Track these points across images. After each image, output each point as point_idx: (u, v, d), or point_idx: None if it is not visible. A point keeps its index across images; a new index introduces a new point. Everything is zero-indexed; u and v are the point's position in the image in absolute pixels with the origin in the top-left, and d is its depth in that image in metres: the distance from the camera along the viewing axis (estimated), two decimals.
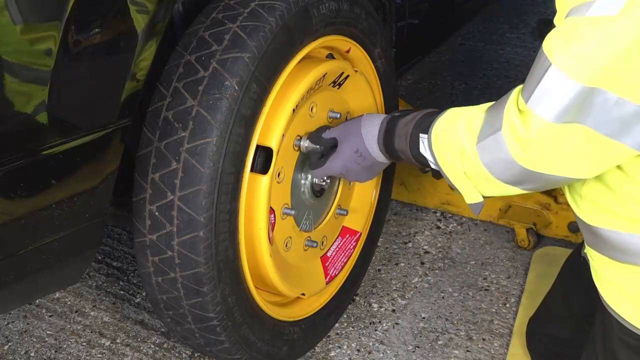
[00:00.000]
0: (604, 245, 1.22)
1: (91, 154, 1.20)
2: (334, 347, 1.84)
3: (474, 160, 1.20)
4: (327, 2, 1.50)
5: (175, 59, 1.34)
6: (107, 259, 2.18)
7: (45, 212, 1.16)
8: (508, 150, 1.12)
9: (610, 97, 1.01)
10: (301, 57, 1.47)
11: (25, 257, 1.18)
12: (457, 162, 1.24)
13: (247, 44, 1.31)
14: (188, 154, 1.29)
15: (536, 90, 1.07)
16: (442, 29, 2.58)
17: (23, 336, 1.90)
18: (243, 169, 1.37)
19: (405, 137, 1.39)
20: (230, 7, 1.37)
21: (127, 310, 1.98)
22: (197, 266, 1.34)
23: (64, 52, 1.06)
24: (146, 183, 1.33)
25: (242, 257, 1.45)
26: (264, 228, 1.47)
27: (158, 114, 1.32)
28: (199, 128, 1.28)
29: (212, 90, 1.29)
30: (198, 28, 1.36)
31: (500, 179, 1.18)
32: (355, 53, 1.71)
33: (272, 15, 1.35)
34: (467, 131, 1.22)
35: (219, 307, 1.40)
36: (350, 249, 1.91)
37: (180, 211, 1.31)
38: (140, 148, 1.34)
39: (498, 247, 2.21)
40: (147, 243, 1.37)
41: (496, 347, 1.83)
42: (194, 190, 1.30)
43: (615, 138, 1.05)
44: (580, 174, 1.13)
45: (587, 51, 1.02)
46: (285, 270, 1.64)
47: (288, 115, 1.46)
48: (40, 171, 1.13)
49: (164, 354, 1.82)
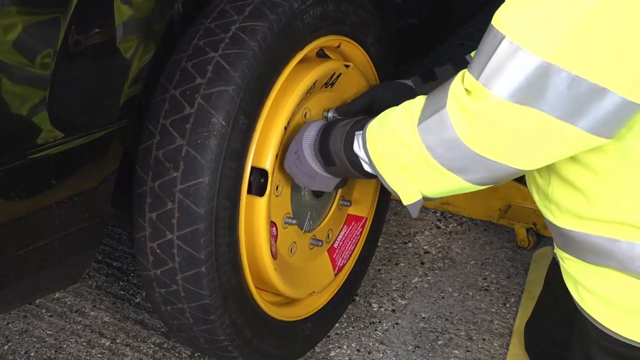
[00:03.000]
0: (574, 247, 1.18)
1: (91, 154, 1.20)
2: (334, 347, 1.84)
3: (415, 145, 1.12)
4: (312, 9, 1.44)
5: (161, 93, 1.32)
6: (107, 259, 2.18)
7: (45, 212, 1.17)
8: (453, 126, 1.06)
9: (566, 76, 0.96)
10: (288, 72, 1.42)
11: (25, 257, 1.18)
12: (393, 154, 1.17)
13: (230, 76, 1.28)
14: (182, 195, 1.29)
15: (488, 65, 1.01)
16: (442, 29, 2.58)
17: (23, 336, 1.90)
18: (239, 201, 1.37)
19: (340, 137, 1.33)
20: (211, 32, 1.33)
21: (127, 310, 1.98)
22: (203, 298, 1.37)
23: (65, 52, 1.06)
24: (145, 222, 1.34)
25: (247, 281, 1.47)
26: (265, 247, 1.47)
27: (149, 153, 1.31)
28: (190, 168, 1.28)
29: (199, 128, 1.27)
30: (181, 57, 1.32)
31: (443, 164, 1.11)
32: (346, 46, 1.66)
33: (254, 39, 1.31)
34: (404, 117, 1.15)
35: (228, 330, 1.44)
36: (356, 235, 1.89)
37: (180, 249, 1.32)
38: (136, 187, 1.34)
39: (498, 247, 2.21)
40: (152, 277, 1.39)
41: (496, 347, 1.83)
42: (192, 230, 1.30)
43: (568, 121, 0.99)
44: (526, 164, 1.07)
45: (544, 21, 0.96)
46: (292, 276, 1.63)
47: (280, 133, 1.43)
48: (40, 171, 1.13)
49: (164, 354, 1.82)
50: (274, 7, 1.35)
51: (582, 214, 1.14)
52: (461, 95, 1.05)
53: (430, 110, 1.11)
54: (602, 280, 1.16)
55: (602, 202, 1.10)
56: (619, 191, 1.08)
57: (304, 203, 1.68)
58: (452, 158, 1.09)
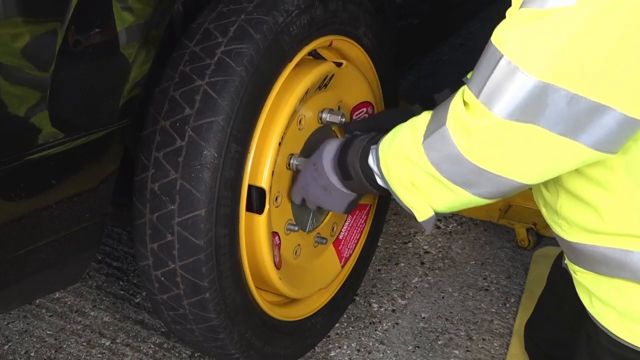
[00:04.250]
0: (585, 260, 1.18)
1: (91, 154, 1.20)
2: (334, 347, 1.84)
3: (420, 162, 1.14)
4: (298, 20, 1.39)
5: (151, 124, 1.31)
6: (107, 259, 2.18)
7: (45, 212, 1.16)
8: (454, 142, 1.07)
9: (565, 94, 0.96)
10: (278, 88, 1.39)
11: (25, 257, 1.18)
12: (403, 172, 1.19)
13: (218, 105, 1.26)
14: (180, 227, 1.29)
15: (487, 84, 1.02)
16: (442, 29, 2.58)
17: (23, 336, 1.90)
18: (238, 227, 1.38)
19: (357, 151, 1.34)
20: (196, 57, 1.30)
21: (127, 310, 1.98)
22: (210, 320, 1.38)
23: (65, 52, 1.06)
24: (147, 251, 1.35)
25: (253, 297, 1.48)
26: (269, 262, 1.48)
27: (145, 185, 1.31)
28: (185, 202, 1.28)
29: (191, 161, 1.26)
30: (168, 86, 1.31)
31: (449, 178, 1.12)
32: (337, 43, 1.61)
33: (240, 64, 1.28)
34: (410, 135, 1.17)
35: (238, 345, 1.46)
36: (361, 224, 1.88)
37: (184, 278, 1.33)
38: (135, 218, 1.35)
39: (498, 247, 2.21)
40: (160, 301, 1.41)
41: (496, 347, 1.83)
42: (193, 260, 1.31)
43: (569, 136, 0.99)
44: (530, 178, 1.08)
45: (541, 42, 0.96)
46: (298, 278, 1.63)
47: (275, 149, 1.42)
48: (41, 171, 1.13)
49: (164, 354, 1.82)
50: (259, 24, 1.31)
51: (592, 228, 1.13)
52: (461, 112, 1.06)
53: (433, 127, 1.12)
54: (616, 291, 1.17)
55: (612, 216, 1.10)
56: (629, 204, 1.08)
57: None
58: (458, 172, 1.11)
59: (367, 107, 1.76)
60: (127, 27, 1.15)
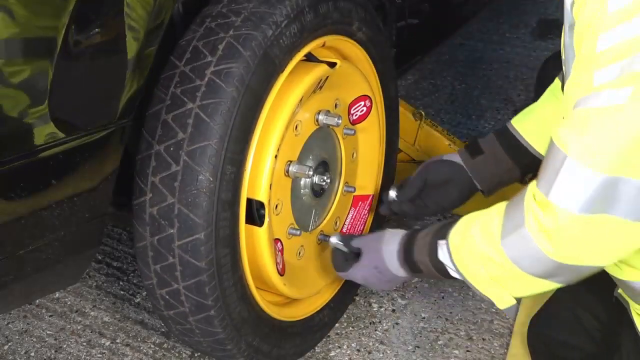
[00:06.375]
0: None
1: (91, 154, 1.20)
2: (334, 347, 1.84)
3: (500, 260, 1.19)
4: (287, 30, 1.35)
5: (146, 148, 1.30)
6: (107, 259, 2.18)
7: (45, 212, 1.16)
8: (537, 245, 1.12)
9: (635, 183, 1.02)
10: (271, 101, 1.37)
11: (25, 257, 1.18)
12: (481, 269, 1.23)
13: (211, 129, 1.25)
14: (181, 250, 1.30)
15: (555, 183, 1.07)
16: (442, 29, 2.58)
17: (23, 336, 1.90)
18: (238, 245, 1.38)
19: (424, 247, 1.37)
20: (187, 78, 1.28)
21: (127, 310, 1.98)
22: (217, 334, 1.40)
23: (65, 52, 1.06)
24: (150, 272, 1.36)
25: (259, 307, 1.49)
26: (273, 271, 1.48)
27: (144, 210, 1.31)
28: (184, 226, 1.28)
29: (187, 186, 1.26)
30: (160, 109, 1.30)
31: (530, 273, 1.17)
32: (331, 42, 1.57)
33: (231, 84, 1.26)
34: (484, 236, 1.21)
35: (246, 352, 1.48)
36: (364, 214, 1.88)
37: (187, 297, 1.35)
38: (136, 241, 1.36)
39: None
40: (167, 316, 1.43)
41: (496, 347, 1.83)
42: (195, 281, 1.32)
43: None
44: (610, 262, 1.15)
45: (602, 141, 1.02)
46: (303, 279, 1.63)
47: (272, 162, 1.41)
48: (40, 171, 1.13)
49: (164, 354, 1.82)
50: (247, 40, 1.28)
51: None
52: (538, 214, 1.11)
53: (510, 227, 1.17)
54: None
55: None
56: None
57: (306, 205, 1.66)
58: (539, 267, 1.16)
59: (365, 101, 1.74)
60: (127, 26, 1.15)
